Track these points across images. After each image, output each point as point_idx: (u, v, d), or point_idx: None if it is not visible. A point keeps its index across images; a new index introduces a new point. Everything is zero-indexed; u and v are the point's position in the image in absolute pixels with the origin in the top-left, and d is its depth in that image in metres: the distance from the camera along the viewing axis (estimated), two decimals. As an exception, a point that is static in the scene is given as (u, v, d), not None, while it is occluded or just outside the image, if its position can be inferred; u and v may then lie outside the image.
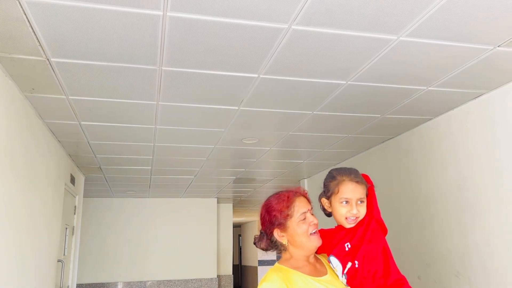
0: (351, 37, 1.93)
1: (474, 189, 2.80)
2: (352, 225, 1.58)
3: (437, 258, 3.13)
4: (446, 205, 3.06)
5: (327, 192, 1.65)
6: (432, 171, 3.23)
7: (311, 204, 1.63)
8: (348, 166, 1.75)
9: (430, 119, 3.21)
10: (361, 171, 1.72)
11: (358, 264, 1.52)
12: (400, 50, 2.07)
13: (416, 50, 2.08)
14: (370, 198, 1.63)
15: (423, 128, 3.34)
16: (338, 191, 1.60)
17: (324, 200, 1.67)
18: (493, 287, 2.61)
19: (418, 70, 2.32)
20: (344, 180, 1.61)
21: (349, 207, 1.57)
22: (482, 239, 2.72)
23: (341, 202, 1.59)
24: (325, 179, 1.69)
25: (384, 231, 1.62)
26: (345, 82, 2.47)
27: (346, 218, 1.58)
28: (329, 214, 1.70)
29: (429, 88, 2.58)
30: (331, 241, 1.65)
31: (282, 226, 1.54)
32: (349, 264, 1.54)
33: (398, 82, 2.48)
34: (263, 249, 1.63)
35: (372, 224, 1.58)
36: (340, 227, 1.66)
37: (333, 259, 1.59)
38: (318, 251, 1.67)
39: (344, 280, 1.54)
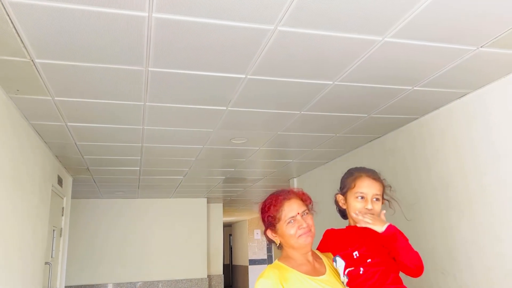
0: (337, 38, 1.94)
1: (459, 187, 2.85)
2: (364, 225, 1.55)
3: (424, 256, 3.16)
4: (432, 203, 3.10)
5: (343, 188, 1.67)
6: (418, 170, 3.27)
7: (308, 203, 1.62)
8: (336, 165, 1.77)
9: (416, 118, 3.25)
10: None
11: (363, 271, 1.52)
12: (386, 51, 2.09)
13: (401, 51, 2.10)
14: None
15: (409, 127, 3.38)
16: (354, 186, 1.61)
17: (339, 197, 1.67)
18: (478, 284, 2.65)
19: (403, 70, 2.35)
20: (361, 175, 1.63)
21: (364, 203, 1.58)
22: (468, 237, 2.76)
23: (357, 197, 1.60)
24: (342, 177, 1.71)
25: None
26: (331, 83, 2.49)
27: (360, 212, 1.57)
28: (345, 216, 1.69)
29: (415, 88, 2.62)
30: (340, 242, 1.65)
31: (273, 227, 1.59)
32: (353, 268, 1.55)
33: (384, 82, 2.51)
34: (268, 241, 1.67)
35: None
36: (350, 229, 1.66)
37: (338, 259, 1.60)
38: (324, 249, 1.69)
39: (345, 280, 1.56)
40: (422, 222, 3.19)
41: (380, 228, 1.50)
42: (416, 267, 1.51)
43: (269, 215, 1.58)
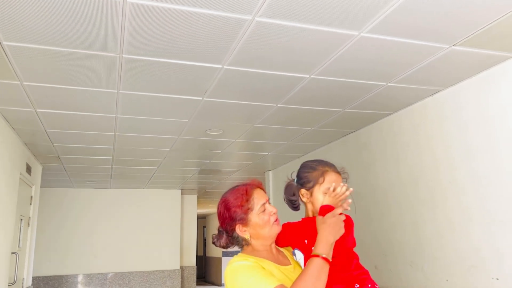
0: (314, 31, 1.94)
1: (428, 183, 2.92)
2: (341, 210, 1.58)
3: (394, 249, 3.25)
4: (403, 198, 3.18)
5: (308, 183, 1.65)
6: (390, 165, 3.33)
7: (267, 194, 1.64)
8: (311, 159, 1.77)
9: (390, 114, 3.31)
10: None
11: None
12: (361, 46, 2.11)
13: (376, 46, 2.12)
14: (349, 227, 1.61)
15: (383, 123, 3.44)
16: (323, 181, 1.61)
17: (303, 191, 1.67)
18: (445, 276, 2.74)
19: (378, 66, 2.38)
20: (327, 170, 1.64)
21: None
22: (433, 232, 2.84)
23: (325, 192, 1.60)
24: (303, 171, 1.69)
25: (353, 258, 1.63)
26: (308, 76, 2.49)
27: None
28: (297, 208, 1.71)
29: (389, 84, 2.65)
30: (297, 235, 1.65)
31: (244, 220, 1.53)
32: None
33: (359, 77, 2.53)
34: (223, 247, 1.61)
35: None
36: (306, 220, 1.67)
37: (297, 252, 1.61)
38: (282, 243, 1.68)
39: None
40: (392, 216, 3.27)
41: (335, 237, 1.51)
42: None
43: (240, 206, 1.53)
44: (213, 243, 1.62)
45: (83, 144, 4.04)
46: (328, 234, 1.43)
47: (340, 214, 1.53)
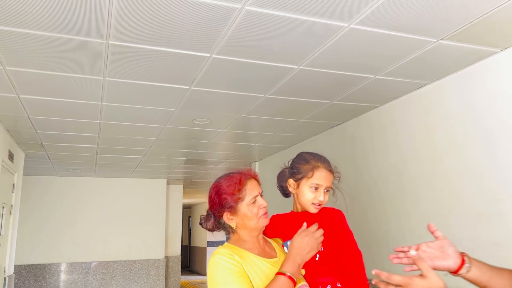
0: (304, 21, 1.94)
1: (412, 175, 2.96)
2: (316, 211, 1.61)
3: (377, 239, 3.30)
4: (387, 189, 3.22)
5: (297, 174, 1.64)
6: (375, 157, 3.37)
7: (261, 186, 1.62)
8: (297, 151, 1.77)
9: (376, 107, 3.33)
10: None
11: (318, 258, 1.55)
12: (350, 38, 2.11)
13: (365, 39, 2.13)
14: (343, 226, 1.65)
15: (369, 115, 3.46)
16: (311, 176, 1.60)
17: (291, 181, 1.67)
18: (425, 266, 2.79)
19: (366, 58, 2.39)
20: (319, 166, 1.62)
21: (317, 194, 1.59)
22: (416, 223, 2.89)
23: (311, 187, 1.60)
24: (296, 161, 1.68)
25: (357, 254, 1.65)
26: (297, 67, 2.49)
27: (312, 203, 1.60)
28: (288, 195, 1.72)
29: (376, 77, 2.67)
30: (287, 228, 1.65)
31: (233, 209, 1.52)
32: None
33: (348, 69, 2.54)
34: (209, 230, 1.61)
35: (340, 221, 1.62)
36: (295, 215, 1.68)
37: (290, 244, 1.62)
38: (271, 235, 1.68)
39: None
40: (376, 207, 3.31)
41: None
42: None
43: (231, 194, 1.51)
44: (200, 223, 1.62)
45: (68, 131, 3.98)
46: (296, 255, 1.45)
47: (318, 228, 1.54)
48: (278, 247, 1.63)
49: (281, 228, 1.68)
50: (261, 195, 1.57)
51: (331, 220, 1.61)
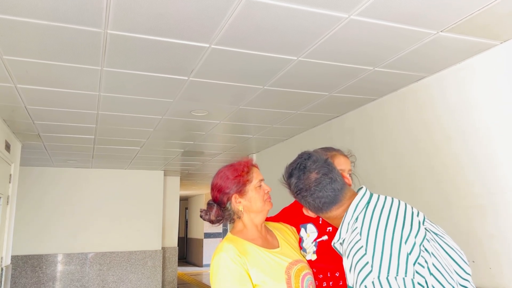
0: (304, 12, 1.92)
1: (410, 168, 2.97)
2: None
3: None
4: (385, 182, 3.23)
5: None
6: (373, 150, 3.37)
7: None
8: (295, 143, 1.82)
9: (375, 99, 3.33)
10: (306, 149, 1.78)
11: (326, 238, 1.60)
12: (350, 29, 2.10)
13: (365, 30, 2.12)
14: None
15: (367, 108, 3.46)
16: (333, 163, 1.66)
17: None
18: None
19: (366, 50, 2.38)
20: (335, 153, 1.75)
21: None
22: (414, 214, 2.90)
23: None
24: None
25: None
26: (296, 58, 2.48)
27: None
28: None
29: (376, 69, 2.67)
30: (298, 214, 1.70)
31: (241, 191, 1.58)
32: (325, 237, 1.60)
33: (347, 61, 2.53)
34: (211, 221, 1.62)
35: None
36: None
37: (310, 226, 1.65)
38: (286, 218, 1.73)
39: (314, 249, 1.60)
40: (374, 200, 3.32)
41: None
42: None
43: (241, 177, 1.58)
44: (201, 216, 1.65)
45: (65, 122, 3.96)
46: None
47: None
48: (279, 235, 1.66)
49: (292, 216, 1.72)
50: (264, 182, 1.64)
51: None
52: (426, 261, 1.16)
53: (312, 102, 3.42)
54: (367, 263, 1.16)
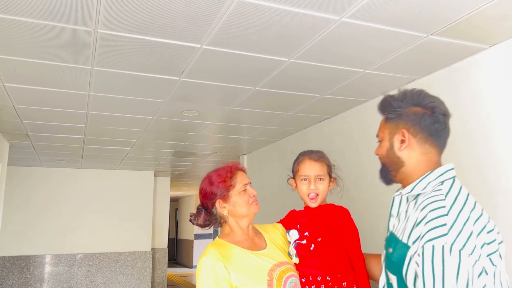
0: (296, 14, 1.93)
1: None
2: (314, 204, 1.67)
3: (365, 234, 3.32)
4: (376, 183, 3.24)
5: (293, 172, 1.76)
6: (364, 151, 3.39)
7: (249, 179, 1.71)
8: (286, 144, 1.84)
9: (365, 101, 3.35)
10: (297, 151, 1.80)
11: (313, 247, 1.60)
12: (342, 31, 2.11)
13: (356, 32, 2.13)
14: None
15: (358, 109, 3.48)
16: (298, 170, 1.71)
17: (291, 181, 1.77)
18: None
19: (357, 53, 2.39)
20: (303, 159, 1.72)
21: (307, 184, 1.67)
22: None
23: (301, 180, 1.69)
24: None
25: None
26: (287, 60, 2.48)
27: (308, 195, 1.67)
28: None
29: (366, 71, 2.68)
30: (296, 220, 1.73)
31: (225, 196, 1.60)
32: (304, 241, 1.62)
33: (338, 63, 2.54)
34: (200, 226, 1.67)
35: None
36: (306, 208, 1.73)
37: (293, 231, 1.67)
38: (288, 227, 1.73)
39: (294, 251, 1.62)
40: (365, 201, 3.34)
41: None
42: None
43: (223, 182, 1.60)
44: (190, 221, 1.67)
45: (54, 121, 3.92)
46: None
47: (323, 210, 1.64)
48: (268, 237, 1.67)
49: (297, 221, 1.74)
50: (250, 185, 1.64)
51: (337, 217, 1.67)
52: (494, 265, 1.13)
53: (304, 104, 3.42)
54: (445, 224, 1.11)
